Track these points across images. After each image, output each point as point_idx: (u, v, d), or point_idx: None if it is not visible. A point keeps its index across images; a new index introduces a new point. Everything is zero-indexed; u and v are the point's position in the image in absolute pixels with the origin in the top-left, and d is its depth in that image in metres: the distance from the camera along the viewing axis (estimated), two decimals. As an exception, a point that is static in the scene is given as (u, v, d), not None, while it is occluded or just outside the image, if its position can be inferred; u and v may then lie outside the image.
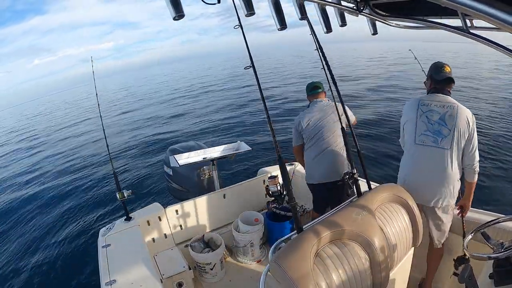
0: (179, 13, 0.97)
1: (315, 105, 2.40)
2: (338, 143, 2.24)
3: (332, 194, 2.36)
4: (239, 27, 1.35)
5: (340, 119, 1.96)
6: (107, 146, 2.62)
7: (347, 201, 1.45)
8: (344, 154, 1.75)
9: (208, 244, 2.55)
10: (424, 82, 2.05)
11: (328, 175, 2.31)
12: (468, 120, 1.80)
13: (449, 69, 1.93)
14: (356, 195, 1.56)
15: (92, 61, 2.71)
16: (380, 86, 13.95)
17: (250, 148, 2.99)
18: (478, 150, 1.85)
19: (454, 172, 1.86)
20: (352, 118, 2.38)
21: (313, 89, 2.47)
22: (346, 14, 1.39)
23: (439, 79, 1.91)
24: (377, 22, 1.45)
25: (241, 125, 9.73)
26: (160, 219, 2.47)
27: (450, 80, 1.91)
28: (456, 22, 1.05)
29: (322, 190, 2.42)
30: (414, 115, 1.93)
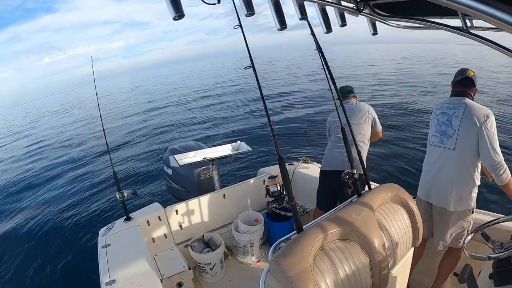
0: (179, 13, 0.97)
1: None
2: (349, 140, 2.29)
3: (334, 185, 2.53)
4: (239, 27, 1.35)
5: (339, 118, 1.95)
6: (107, 146, 2.62)
7: (347, 201, 1.45)
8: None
9: (208, 244, 2.55)
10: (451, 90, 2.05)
11: (332, 164, 2.54)
12: (477, 119, 1.71)
13: (472, 73, 1.90)
14: (356, 195, 1.56)
15: (92, 61, 2.71)
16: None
17: (250, 148, 2.99)
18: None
19: (462, 174, 1.81)
20: (378, 128, 2.64)
21: (347, 93, 2.75)
22: (346, 14, 1.39)
23: (454, 80, 1.93)
24: (377, 22, 1.45)
25: (241, 125, 9.73)
26: (160, 219, 2.47)
27: (466, 81, 1.87)
28: (456, 22, 1.05)
29: (325, 178, 2.63)
30: (431, 119, 2.02)
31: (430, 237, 2.08)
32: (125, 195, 2.32)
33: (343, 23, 1.40)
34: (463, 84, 1.89)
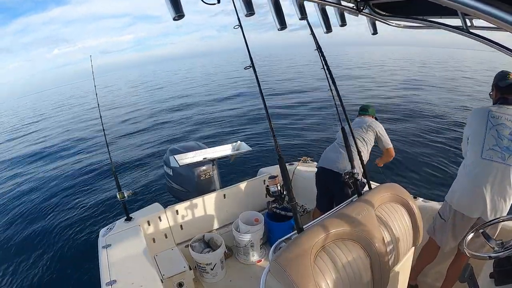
0: (178, 13, 0.97)
1: (355, 119, 2.80)
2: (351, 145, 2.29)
3: (328, 183, 2.53)
4: (239, 27, 1.35)
5: (340, 119, 1.95)
6: (107, 146, 2.62)
7: (347, 201, 1.45)
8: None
9: (208, 244, 2.55)
10: (490, 94, 1.94)
11: (329, 163, 2.51)
12: None
13: None
14: (356, 195, 1.56)
15: (91, 60, 2.71)
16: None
17: (251, 148, 2.99)
18: None
19: None
20: (386, 145, 2.65)
21: (361, 110, 2.85)
22: (346, 14, 1.39)
23: (503, 86, 1.81)
24: (377, 22, 1.45)
25: (241, 124, 9.73)
26: (160, 219, 2.47)
27: None
28: (456, 21, 1.05)
29: (320, 172, 2.62)
30: (483, 128, 1.77)
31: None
32: (125, 195, 2.32)
33: (343, 23, 1.40)
34: None
